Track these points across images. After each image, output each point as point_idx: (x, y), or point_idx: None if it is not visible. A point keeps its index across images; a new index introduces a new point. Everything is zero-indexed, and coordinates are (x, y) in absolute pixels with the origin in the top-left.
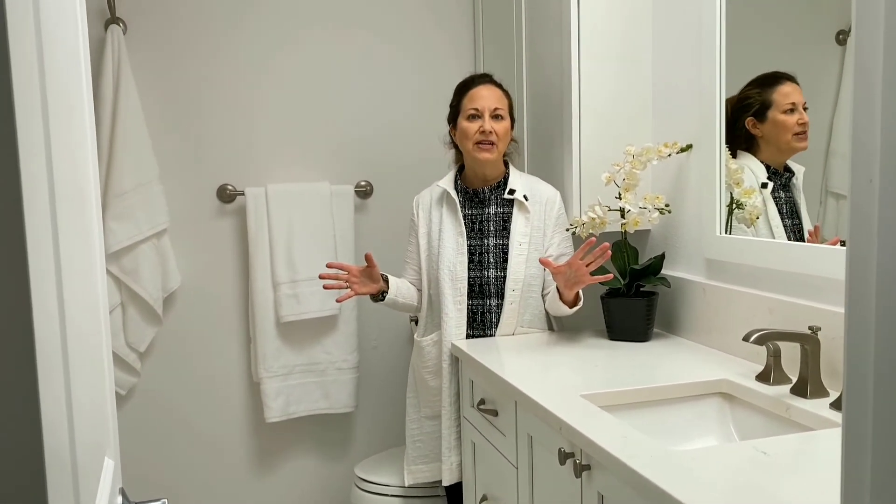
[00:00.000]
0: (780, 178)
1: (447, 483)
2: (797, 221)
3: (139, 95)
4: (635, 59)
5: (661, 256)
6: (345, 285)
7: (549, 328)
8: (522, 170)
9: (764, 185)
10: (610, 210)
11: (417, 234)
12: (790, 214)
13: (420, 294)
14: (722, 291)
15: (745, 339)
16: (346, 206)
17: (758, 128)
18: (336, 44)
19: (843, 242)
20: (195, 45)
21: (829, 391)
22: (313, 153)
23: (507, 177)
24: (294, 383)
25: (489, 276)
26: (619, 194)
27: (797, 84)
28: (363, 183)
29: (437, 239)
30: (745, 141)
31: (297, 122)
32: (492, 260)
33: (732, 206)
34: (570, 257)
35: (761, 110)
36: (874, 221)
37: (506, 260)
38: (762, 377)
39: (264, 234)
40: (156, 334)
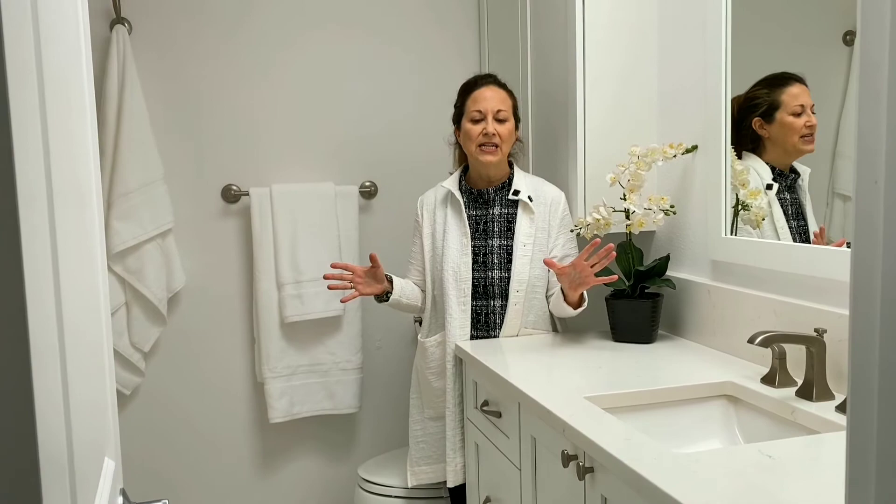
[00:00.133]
0: (786, 179)
1: (451, 485)
2: (803, 223)
3: (144, 95)
4: (640, 60)
5: (666, 258)
6: (349, 286)
7: (553, 329)
8: (527, 170)
9: (769, 187)
10: (615, 211)
11: (422, 234)
12: (796, 216)
13: (424, 295)
14: (727, 293)
15: (750, 342)
16: (351, 207)
17: (765, 128)
18: (340, 44)
19: (850, 244)
20: (200, 46)
21: (835, 394)
22: (318, 154)
23: (511, 177)
24: (298, 384)
25: (493, 277)
26: (624, 195)
27: (806, 86)
28: (367, 183)
29: (442, 240)
30: (751, 141)
31: (302, 123)
32: (496, 261)
33: (738, 207)
34: (575, 258)
35: (769, 111)
36: (879, 223)
37: (510, 261)
38: (767, 380)
39: (269, 234)
40: (160, 334)
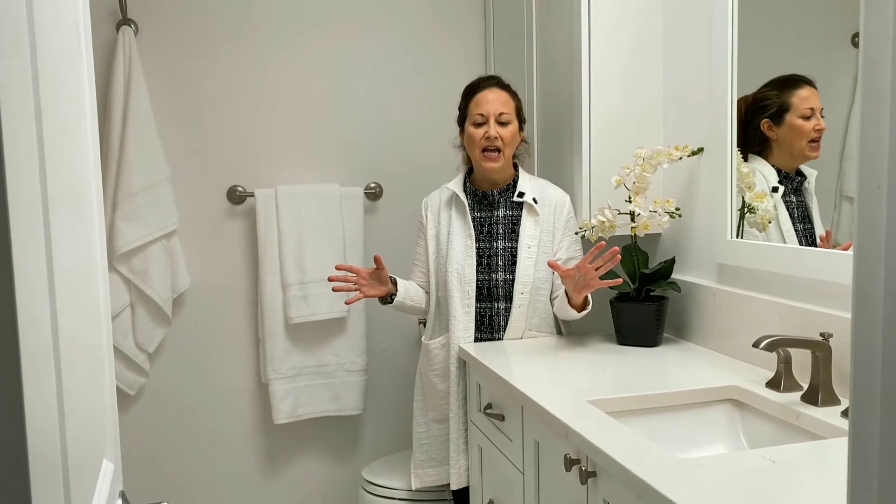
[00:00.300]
0: (792, 182)
1: (455, 487)
2: (809, 226)
3: (150, 96)
4: (646, 62)
5: (672, 261)
6: (354, 287)
7: (558, 332)
8: (532, 172)
9: (774, 190)
10: (620, 213)
11: (426, 236)
12: (802, 219)
13: (428, 297)
14: (733, 296)
15: (755, 346)
16: (356, 208)
17: (773, 130)
18: (346, 45)
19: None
20: (206, 47)
21: (841, 399)
22: (323, 155)
23: (516, 180)
24: (302, 385)
25: (497, 280)
26: (629, 198)
27: (815, 89)
28: (373, 185)
29: (446, 241)
30: (758, 143)
31: (308, 124)
32: (500, 263)
33: (744, 210)
34: (579, 261)
35: (779, 113)
36: (882, 227)
37: (514, 263)
38: (772, 384)
39: (274, 235)
40: (165, 335)
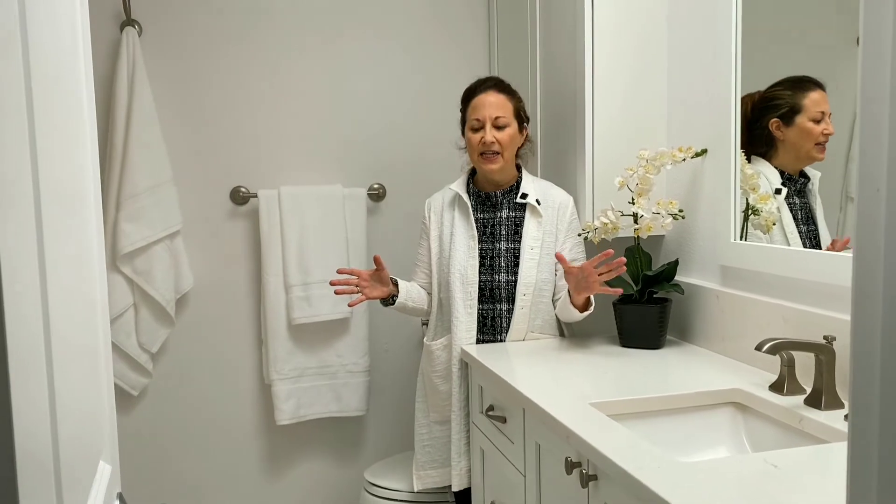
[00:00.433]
0: (795, 183)
1: (456, 488)
2: (813, 227)
3: (154, 97)
4: (650, 63)
5: (675, 263)
6: (356, 290)
7: (560, 334)
8: (535, 173)
9: (777, 191)
10: (623, 215)
11: (429, 237)
12: (805, 220)
13: (430, 298)
14: (736, 299)
15: (758, 349)
16: (359, 209)
17: (781, 130)
18: (350, 46)
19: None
20: (210, 48)
21: (844, 402)
22: (326, 156)
23: (519, 181)
24: (305, 386)
25: (500, 281)
26: (633, 199)
27: (825, 92)
28: (376, 186)
29: (449, 242)
30: (764, 142)
31: (311, 125)
32: (503, 264)
33: (748, 212)
34: (585, 263)
35: (790, 114)
36: (881, 229)
37: (517, 264)
38: (776, 387)
39: (277, 236)
40: (168, 335)
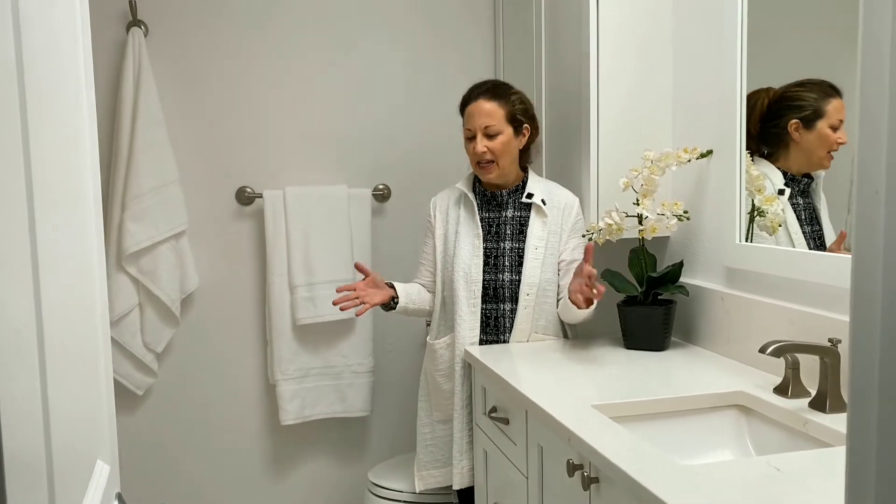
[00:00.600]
0: (798, 183)
1: (457, 487)
2: (817, 227)
3: (159, 97)
4: (655, 64)
5: (680, 264)
6: (358, 302)
7: (564, 335)
8: (540, 174)
9: (781, 192)
10: (627, 216)
11: (434, 235)
12: (809, 220)
13: (433, 297)
14: (741, 301)
15: (762, 351)
16: (364, 210)
17: (799, 133)
18: (355, 47)
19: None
20: (216, 49)
21: None
22: (331, 156)
23: (525, 181)
24: (310, 386)
25: (504, 280)
26: (637, 200)
27: (842, 100)
28: (381, 186)
29: (454, 241)
30: (776, 141)
31: (316, 126)
32: (507, 263)
33: (753, 213)
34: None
35: (812, 117)
36: (880, 231)
37: (521, 264)
38: (780, 390)
39: (282, 236)
40: (173, 335)
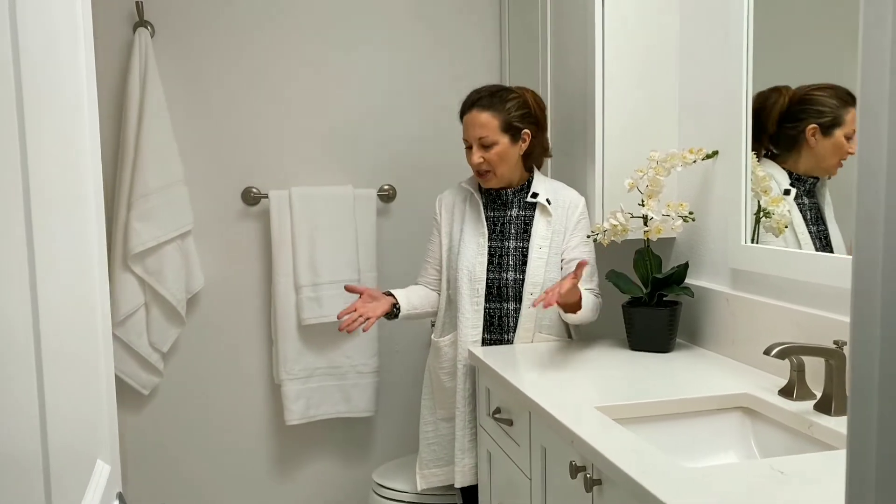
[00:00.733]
0: (804, 183)
1: (459, 485)
2: (823, 227)
3: (165, 97)
4: (661, 64)
5: (685, 265)
6: (363, 319)
7: (568, 336)
8: (545, 173)
9: (786, 192)
10: (632, 217)
11: (440, 232)
12: (815, 221)
13: (437, 295)
14: (747, 302)
15: (766, 353)
16: (369, 210)
17: (816, 138)
18: (361, 47)
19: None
20: (222, 49)
21: None
22: (337, 157)
23: (530, 180)
24: (314, 386)
25: (508, 279)
26: (642, 201)
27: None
28: (386, 187)
29: (459, 239)
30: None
31: (322, 126)
32: (511, 262)
33: (759, 214)
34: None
35: (831, 124)
36: (881, 232)
37: (525, 263)
38: (785, 392)
39: (287, 236)
40: (179, 335)
